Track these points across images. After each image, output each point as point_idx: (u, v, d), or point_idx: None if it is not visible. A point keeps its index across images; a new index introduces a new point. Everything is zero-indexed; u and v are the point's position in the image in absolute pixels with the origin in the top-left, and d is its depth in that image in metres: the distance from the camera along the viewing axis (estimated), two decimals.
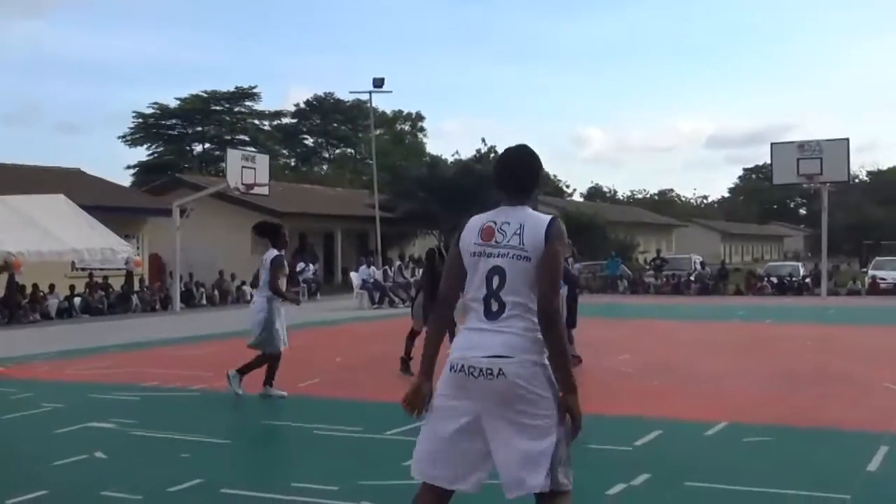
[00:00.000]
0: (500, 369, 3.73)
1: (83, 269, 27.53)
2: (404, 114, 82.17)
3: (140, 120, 64.92)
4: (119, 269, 28.00)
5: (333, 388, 11.28)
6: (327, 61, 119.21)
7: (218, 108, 66.83)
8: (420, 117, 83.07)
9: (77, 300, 25.88)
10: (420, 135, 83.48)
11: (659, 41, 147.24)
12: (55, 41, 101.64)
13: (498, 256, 3.85)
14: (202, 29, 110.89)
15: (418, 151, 73.26)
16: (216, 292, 31.14)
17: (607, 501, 6.05)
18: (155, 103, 64.88)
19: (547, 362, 3.79)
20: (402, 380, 11.84)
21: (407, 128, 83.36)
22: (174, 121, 66.23)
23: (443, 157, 53.00)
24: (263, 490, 6.36)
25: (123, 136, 65.81)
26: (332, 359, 14.58)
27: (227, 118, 67.68)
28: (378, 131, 60.11)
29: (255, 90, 66.99)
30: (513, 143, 4.23)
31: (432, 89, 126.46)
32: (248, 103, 67.76)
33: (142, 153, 67.09)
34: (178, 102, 65.06)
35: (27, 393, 10.92)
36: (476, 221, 4.02)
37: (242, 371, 10.48)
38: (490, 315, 3.81)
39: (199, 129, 67.01)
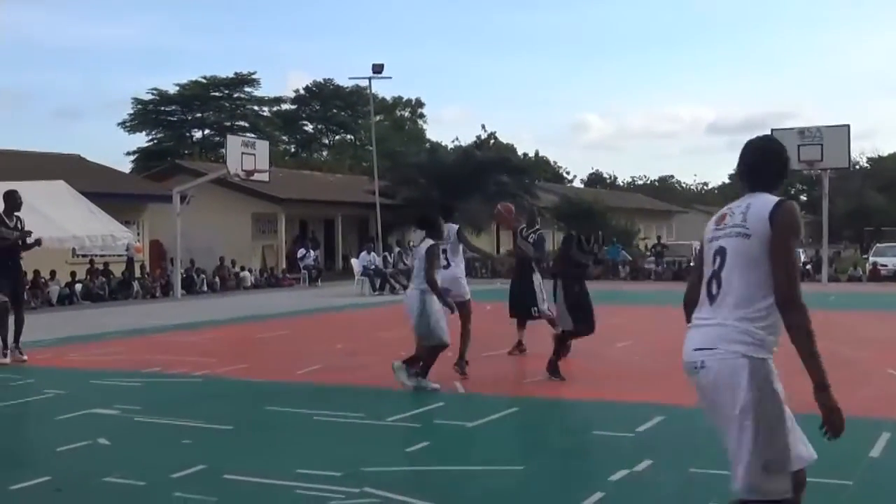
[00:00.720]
0: (701, 361, 3.67)
1: (84, 256, 27.52)
2: (404, 100, 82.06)
3: (139, 106, 64.72)
4: (120, 256, 28.03)
5: (335, 375, 11.27)
6: (326, 47, 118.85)
7: (217, 94, 66.61)
8: (420, 104, 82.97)
9: (78, 287, 25.88)
10: (420, 121, 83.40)
11: (658, 28, 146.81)
12: (50, 28, 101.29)
13: (723, 238, 3.79)
14: (200, 14, 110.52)
15: (418, 138, 73.22)
16: (217, 279, 31.14)
17: (610, 487, 6.06)
18: (154, 89, 64.70)
19: (757, 354, 3.62)
20: None
21: (407, 114, 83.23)
22: (173, 107, 65.99)
23: (443, 144, 53.10)
24: (266, 476, 6.37)
25: (123, 123, 65.61)
26: (334, 345, 14.59)
27: (227, 104, 67.44)
28: (378, 117, 60.06)
29: (254, 76, 66.81)
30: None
31: (432, 76, 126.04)
32: (247, 89, 67.50)
33: (141, 139, 66.93)
34: (178, 88, 64.86)
35: (29, 379, 10.93)
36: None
37: (409, 362, 9.95)
38: (711, 299, 3.74)
39: (199, 115, 66.77)
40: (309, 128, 78.74)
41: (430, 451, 7.23)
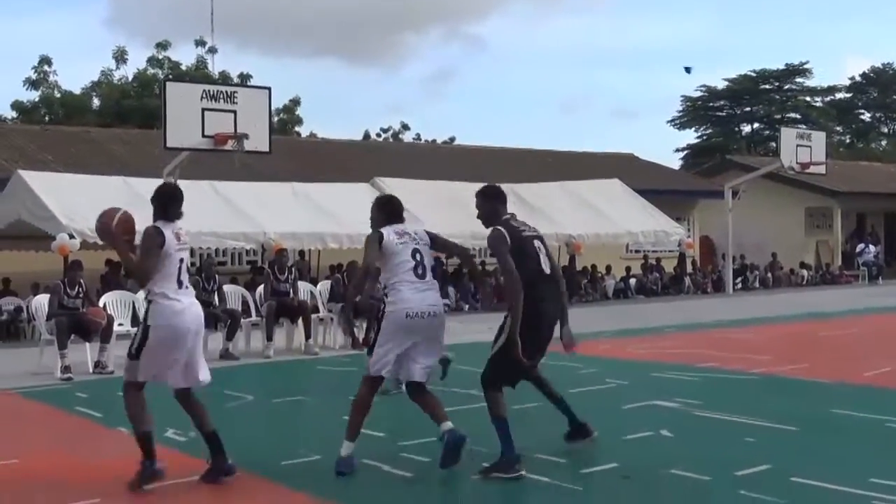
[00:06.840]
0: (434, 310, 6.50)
1: (637, 252, 28.47)
2: None
3: (688, 103, 65.58)
4: (671, 252, 28.53)
5: None
6: (886, 29, 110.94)
7: (767, 86, 65.32)
8: None
9: (632, 281, 26.72)
10: None
11: None
12: (608, 33, 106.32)
13: None
14: (750, 8, 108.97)
15: None
16: (769, 275, 30.46)
17: None
18: (703, 86, 65.08)
19: None
20: None
21: None
22: (722, 102, 65.94)
23: None
24: (836, 482, 6.06)
25: (672, 120, 66.85)
26: None
27: (777, 97, 65.89)
28: None
29: (806, 66, 64.51)
30: None
31: None
32: (798, 80, 65.37)
33: (690, 136, 67.82)
34: (726, 84, 64.68)
35: (592, 368, 11.38)
36: None
37: None
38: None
39: (748, 109, 66.07)
40: (866, 116, 74.30)
41: None
